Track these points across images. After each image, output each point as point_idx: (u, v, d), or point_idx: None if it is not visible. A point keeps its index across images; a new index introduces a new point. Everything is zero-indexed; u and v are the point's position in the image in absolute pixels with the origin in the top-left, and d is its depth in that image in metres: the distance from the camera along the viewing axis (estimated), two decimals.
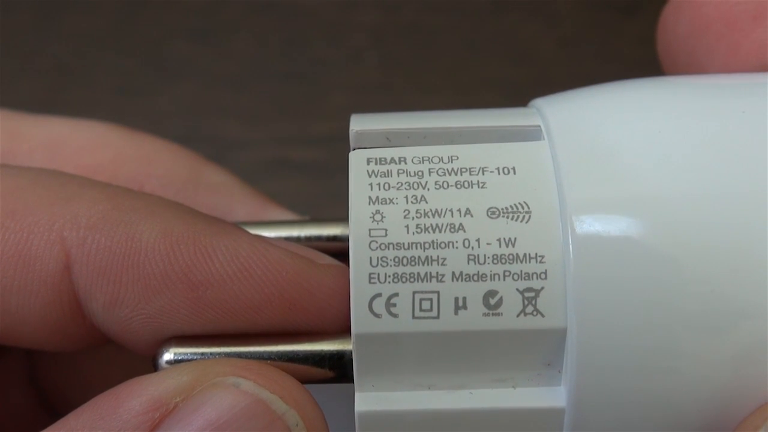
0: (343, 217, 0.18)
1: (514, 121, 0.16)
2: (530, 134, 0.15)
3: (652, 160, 0.15)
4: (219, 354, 0.16)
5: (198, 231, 0.15)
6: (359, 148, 0.15)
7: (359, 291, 0.14)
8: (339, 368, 0.16)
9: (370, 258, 0.14)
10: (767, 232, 0.14)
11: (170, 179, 0.19)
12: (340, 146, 0.41)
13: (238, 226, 0.16)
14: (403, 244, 0.14)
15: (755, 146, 0.15)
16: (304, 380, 0.15)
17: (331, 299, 0.16)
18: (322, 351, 0.16)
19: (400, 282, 0.14)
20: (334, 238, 0.18)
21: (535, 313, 0.14)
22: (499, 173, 0.15)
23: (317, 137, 0.41)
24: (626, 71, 0.18)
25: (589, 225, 0.14)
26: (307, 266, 0.16)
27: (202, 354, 0.16)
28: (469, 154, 0.15)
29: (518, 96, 0.22)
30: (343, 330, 0.16)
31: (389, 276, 0.14)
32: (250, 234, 0.16)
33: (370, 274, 0.14)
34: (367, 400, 0.15)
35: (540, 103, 0.16)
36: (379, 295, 0.14)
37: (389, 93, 0.43)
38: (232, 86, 0.43)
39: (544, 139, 0.15)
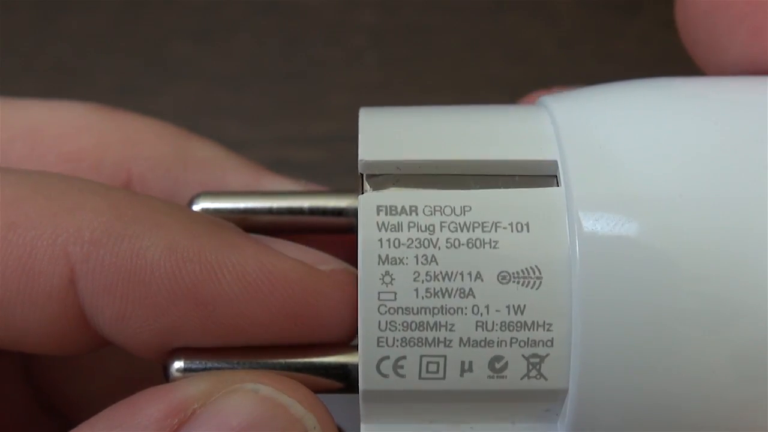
0: (348, 189, 0.17)
1: (528, 153, 0.15)
2: (546, 167, 0.15)
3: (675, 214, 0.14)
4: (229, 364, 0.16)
5: (203, 244, 0.15)
6: (369, 174, 0.15)
7: (368, 353, 0.14)
8: (345, 380, 0.16)
9: (379, 322, 0.14)
10: None
11: (158, 160, 0.19)
12: (340, 146, 0.40)
13: (240, 233, 0.16)
14: (412, 308, 0.14)
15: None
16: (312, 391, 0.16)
17: (337, 311, 0.16)
18: (329, 363, 0.16)
19: (408, 346, 0.14)
20: (339, 212, 0.17)
21: (538, 376, 0.15)
22: (512, 230, 0.15)
23: (317, 137, 0.41)
24: (626, 71, 0.18)
25: (600, 303, 0.14)
26: (312, 279, 0.15)
27: (215, 363, 0.16)
28: (482, 205, 0.15)
29: (518, 96, 0.22)
30: (349, 336, 0.16)
31: (397, 340, 0.14)
32: (254, 244, 0.16)
33: (378, 338, 0.14)
34: (372, 430, 0.15)
35: (554, 112, 0.16)
36: (387, 357, 0.15)
37: (389, 93, 0.43)
38: (232, 86, 0.43)
39: (559, 175, 0.15)
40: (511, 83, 0.42)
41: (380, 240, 0.15)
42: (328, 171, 0.40)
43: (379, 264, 0.14)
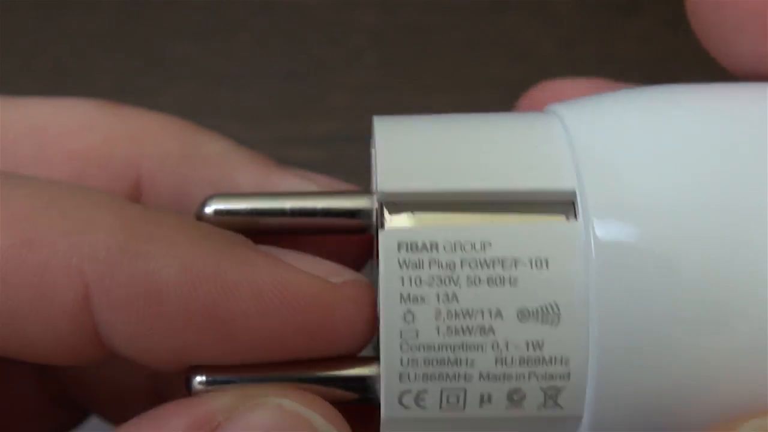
0: (360, 189, 0.17)
1: (546, 181, 0.15)
2: (564, 196, 0.15)
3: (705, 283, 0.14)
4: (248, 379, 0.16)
5: (218, 263, 0.15)
6: (388, 203, 0.15)
7: (390, 387, 0.15)
8: (362, 392, 0.16)
9: (401, 359, 0.15)
10: None
11: (165, 157, 0.19)
12: (340, 146, 0.40)
13: (253, 247, 0.16)
14: (434, 346, 0.15)
15: None
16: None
17: (351, 325, 0.16)
18: (346, 376, 0.16)
19: (429, 381, 0.15)
20: (352, 214, 0.17)
21: (554, 406, 0.15)
22: (531, 266, 0.15)
23: (317, 137, 0.41)
24: (626, 71, 0.18)
25: (616, 334, 0.14)
26: (327, 294, 0.15)
27: (236, 376, 0.16)
28: (502, 241, 0.15)
29: (518, 96, 0.22)
30: (362, 347, 0.16)
31: (419, 376, 0.15)
32: (267, 259, 0.16)
33: (400, 373, 0.15)
34: None
35: (571, 132, 0.16)
36: (408, 391, 0.15)
37: (389, 93, 0.43)
38: (232, 86, 0.43)
39: (577, 204, 0.15)
40: (511, 83, 0.42)
41: (402, 278, 0.15)
42: (328, 171, 0.40)
43: (401, 302, 0.15)
